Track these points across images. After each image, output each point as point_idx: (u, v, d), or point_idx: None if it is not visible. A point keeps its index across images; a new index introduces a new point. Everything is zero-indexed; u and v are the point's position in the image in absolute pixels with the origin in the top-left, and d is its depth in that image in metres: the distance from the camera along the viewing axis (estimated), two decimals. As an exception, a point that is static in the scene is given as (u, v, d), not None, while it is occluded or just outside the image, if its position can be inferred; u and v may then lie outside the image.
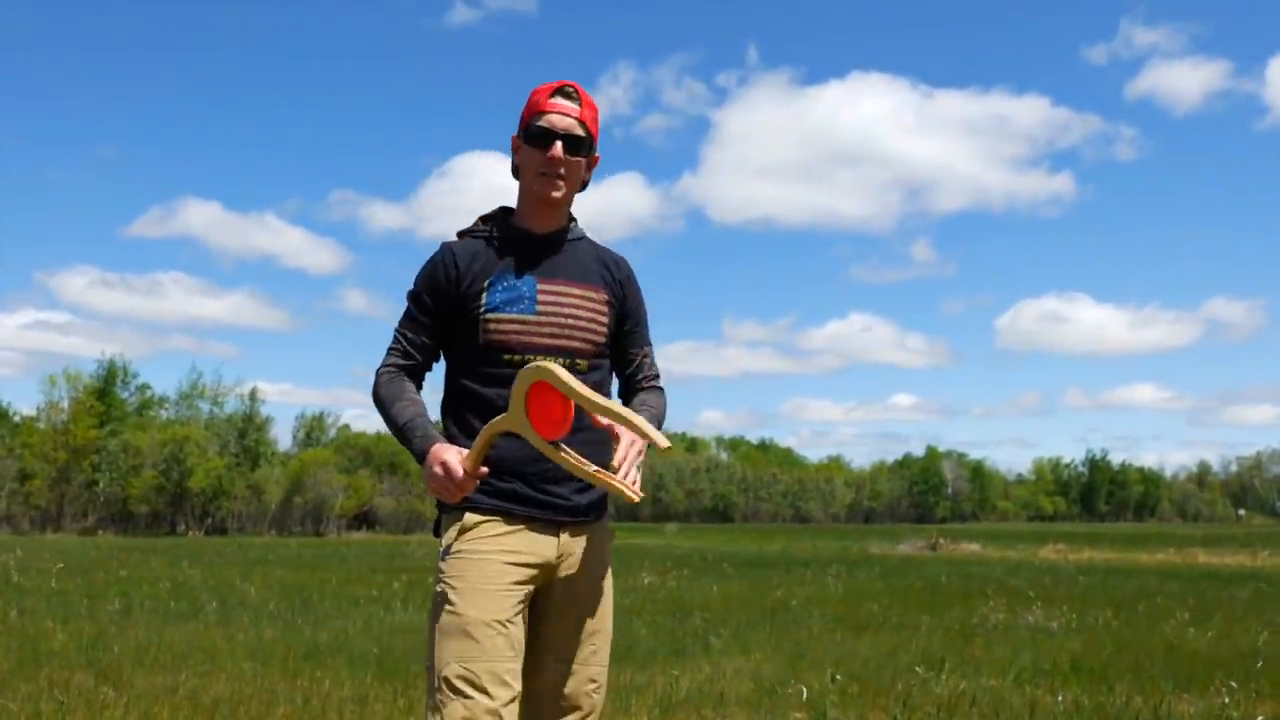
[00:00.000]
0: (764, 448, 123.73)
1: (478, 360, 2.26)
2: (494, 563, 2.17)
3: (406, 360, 2.35)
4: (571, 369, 2.25)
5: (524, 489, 2.22)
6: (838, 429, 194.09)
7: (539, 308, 2.27)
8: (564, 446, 1.99)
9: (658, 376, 2.51)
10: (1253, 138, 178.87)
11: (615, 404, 1.88)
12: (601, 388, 2.34)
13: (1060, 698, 5.58)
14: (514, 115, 2.39)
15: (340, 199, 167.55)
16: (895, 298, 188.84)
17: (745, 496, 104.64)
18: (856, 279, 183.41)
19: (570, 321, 2.29)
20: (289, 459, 56.18)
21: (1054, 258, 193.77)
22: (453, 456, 2.09)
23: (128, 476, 49.29)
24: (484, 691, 2.05)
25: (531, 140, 2.29)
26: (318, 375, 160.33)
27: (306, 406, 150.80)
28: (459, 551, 2.18)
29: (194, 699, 5.19)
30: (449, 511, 2.26)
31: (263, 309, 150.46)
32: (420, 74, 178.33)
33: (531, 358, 2.21)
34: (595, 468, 1.98)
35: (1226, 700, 5.42)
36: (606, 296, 2.37)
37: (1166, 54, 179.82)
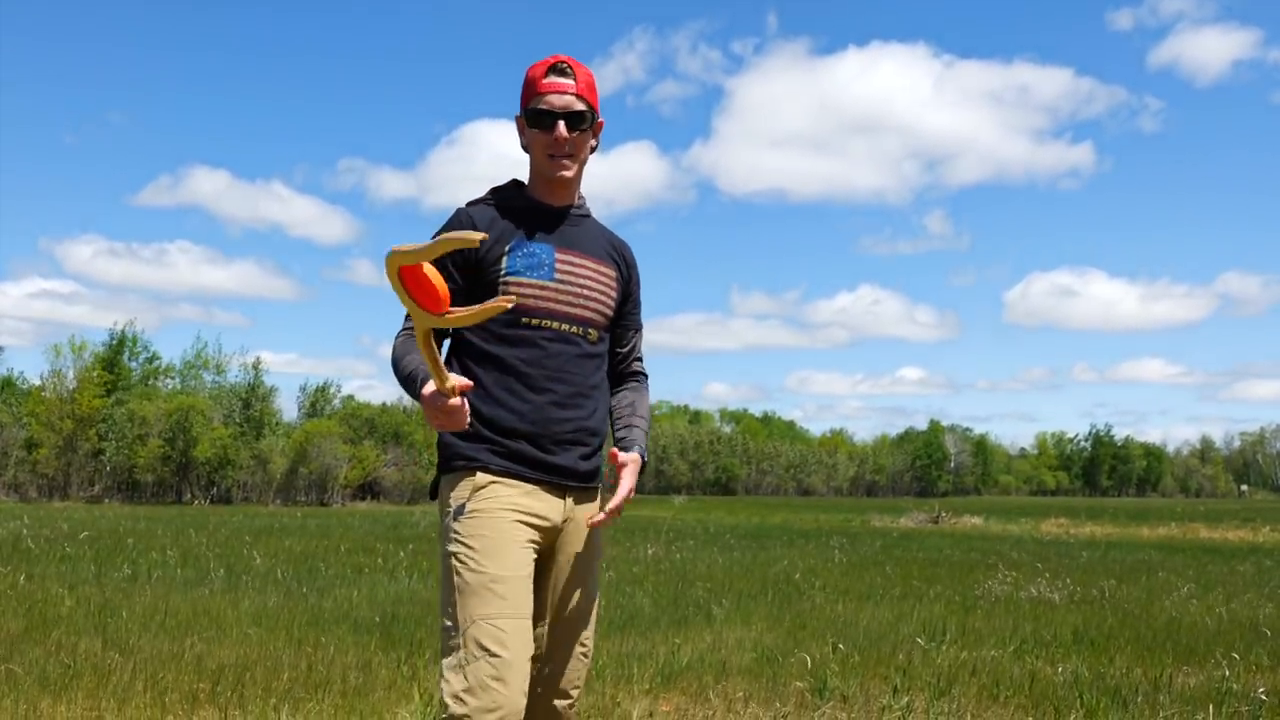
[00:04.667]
0: (766, 420, 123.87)
1: (495, 321, 2.30)
2: (510, 520, 2.23)
3: None
4: (583, 338, 2.37)
5: (532, 450, 2.28)
6: (843, 402, 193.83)
7: (557, 275, 2.33)
8: (451, 309, 1.94)
9: (642, 360, 2.61)
10: (1272, 109, 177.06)
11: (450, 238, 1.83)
12: (605, 360, 2.45)
13: (1061, 669, 5.61)
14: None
15: (348, 167, 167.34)
16: (906, 270, 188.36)
17: (748, 469, 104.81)
18: (867, 251, 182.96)
19: (585, 291, 2.37)
20: (294, 429, 56.30)
21: (1069, 231, 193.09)
22: (430, 390, 2.07)
23: (133, 445, 49.44)
24: (509, 648, 2.12)
25: (534, 123, 2.34)
26: (325, 345, 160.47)
27: (313, 376, 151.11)
28: (475, 510, 2.23)
29: (200, 664, 5.24)
30: (452, 472, 2.31)
31: (270, 278, 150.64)
32: (431, 40, 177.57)
33: (550, 323, 2.30)
34: (479, 305, 1.94)
35: (1227, 672, 5.43)
36: (615, 274, 2.46)
37: (1195, 20, 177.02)
